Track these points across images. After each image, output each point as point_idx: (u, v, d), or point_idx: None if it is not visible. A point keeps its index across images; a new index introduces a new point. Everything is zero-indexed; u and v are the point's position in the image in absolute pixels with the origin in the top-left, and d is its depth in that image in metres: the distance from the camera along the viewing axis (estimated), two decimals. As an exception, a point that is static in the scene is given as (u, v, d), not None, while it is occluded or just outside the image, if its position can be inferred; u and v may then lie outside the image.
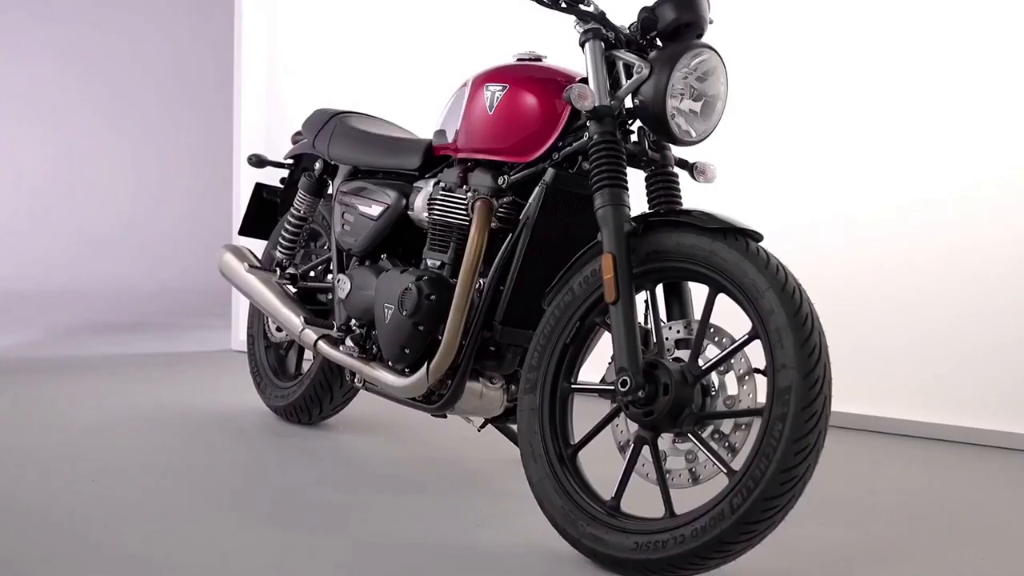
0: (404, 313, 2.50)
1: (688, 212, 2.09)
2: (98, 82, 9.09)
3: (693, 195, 2.43)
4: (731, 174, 2.99)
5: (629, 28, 2.30)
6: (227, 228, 5.53)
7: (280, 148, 5.14)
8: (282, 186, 3.55)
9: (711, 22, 2.28)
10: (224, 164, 5.94)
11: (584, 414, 2.28)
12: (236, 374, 4.28)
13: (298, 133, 3.47)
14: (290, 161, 3.48)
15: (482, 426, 2.75)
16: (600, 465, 2.27)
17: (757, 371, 1.97)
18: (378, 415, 3.55)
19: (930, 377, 3.68)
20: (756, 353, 1.97)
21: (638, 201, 2.25)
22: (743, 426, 2.00)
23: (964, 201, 3.65)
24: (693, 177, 2.40)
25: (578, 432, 2.24)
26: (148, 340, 5.51)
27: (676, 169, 2.34)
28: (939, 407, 3.66)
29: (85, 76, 9.06)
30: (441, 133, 2.68)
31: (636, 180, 2.28)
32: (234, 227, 5.11)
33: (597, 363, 2.29)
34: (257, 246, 3.69)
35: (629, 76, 2.23)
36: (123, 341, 5.41)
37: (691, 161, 2.40)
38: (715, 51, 2.20)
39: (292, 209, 3.26)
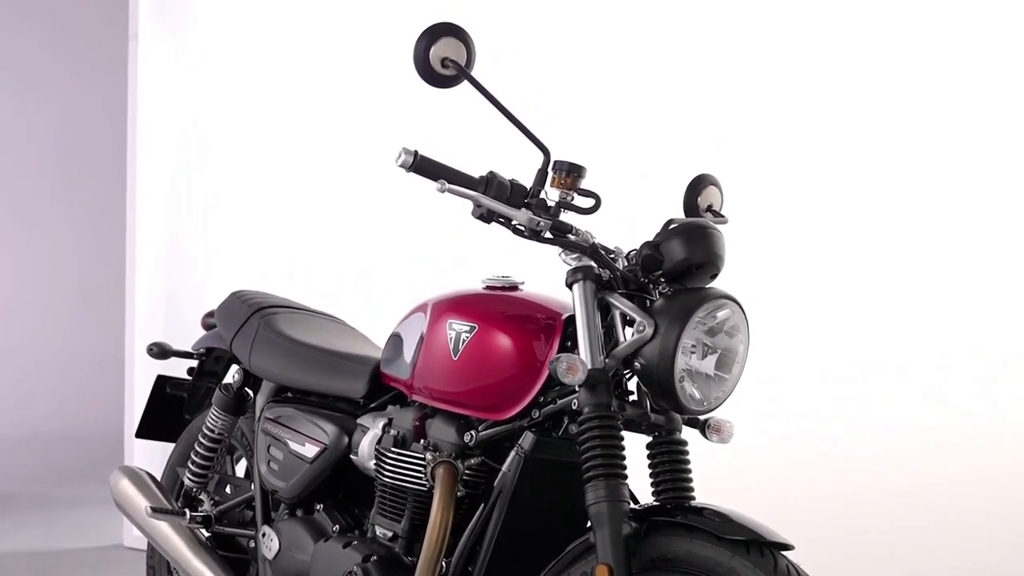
0: (348, 605, 2.44)
1: (701, 512, 2.06)
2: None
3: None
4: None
5: (627, 257, 2.27)
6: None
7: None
8: (190, 378, 3.50)
9: (725, 221, 2.28)
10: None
11: None
12: (131, 594, 4.18)
13: (209, 315, 3.41)
14: (201, 351, 3.44)
15: None
16: None
17: None
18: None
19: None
20: None
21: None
22: None
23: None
24: (705, 436, 2.34)
25: None
26: (13, 528, 5.35)
27: (685, 432, 2.31)
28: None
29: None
30: (394, 351, 2.61)
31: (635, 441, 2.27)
32: (127, 426, 5.01)
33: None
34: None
35: (626, 321, 2.21)
36: (-19, 531, 5.27)
37: (703, 418, 2.34)
38: (735, 301, 2.18)
39: (205, 428, 3.18)
